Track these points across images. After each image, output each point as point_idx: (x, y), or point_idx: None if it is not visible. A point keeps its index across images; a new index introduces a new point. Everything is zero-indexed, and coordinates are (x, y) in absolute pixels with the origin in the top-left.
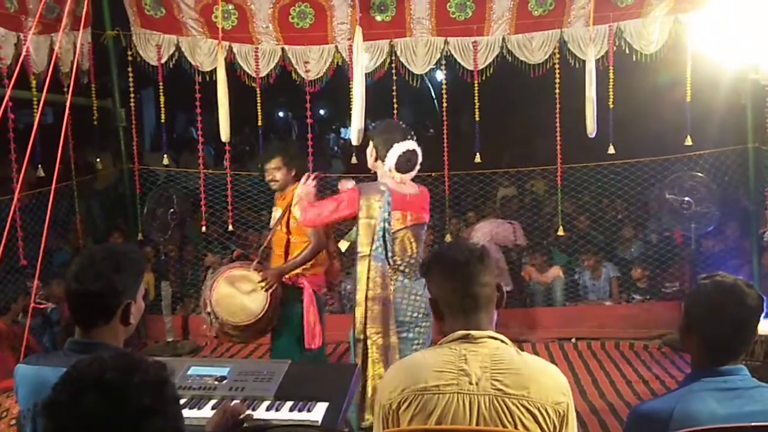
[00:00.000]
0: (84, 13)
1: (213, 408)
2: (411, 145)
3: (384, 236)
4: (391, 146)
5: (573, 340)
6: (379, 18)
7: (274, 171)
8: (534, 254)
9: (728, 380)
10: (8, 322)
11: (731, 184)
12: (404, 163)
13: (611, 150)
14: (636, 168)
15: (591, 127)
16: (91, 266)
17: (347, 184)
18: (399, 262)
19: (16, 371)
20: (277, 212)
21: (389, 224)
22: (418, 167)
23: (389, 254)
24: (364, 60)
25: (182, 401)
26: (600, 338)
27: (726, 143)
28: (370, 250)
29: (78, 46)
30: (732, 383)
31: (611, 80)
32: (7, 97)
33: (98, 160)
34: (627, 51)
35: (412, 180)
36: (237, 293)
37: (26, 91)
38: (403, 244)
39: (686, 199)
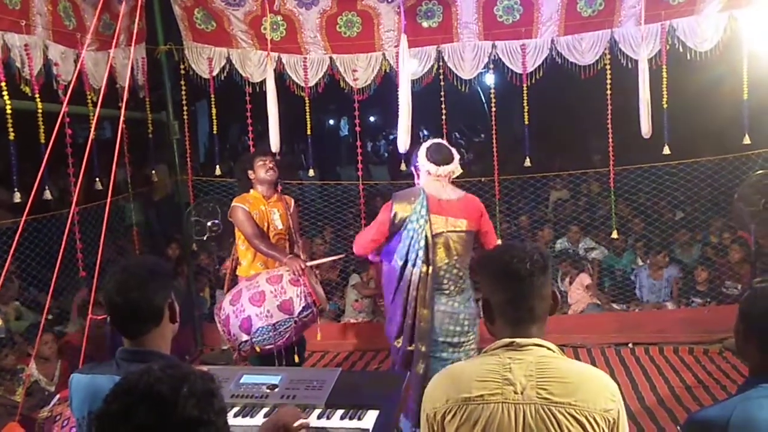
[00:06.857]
0: (136, 28)
1: (265, 416)
2: (437, 140)
3: (424, 243)
4: (420, 149)
5: (630, 345)
6: (425, 24)
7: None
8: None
9: None
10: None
11: None
12: (435, 153)
13: (666, 150)
14: (692, 168)
15: (646, 128)
16: (130, 277)
17: None
18: (443, 275)
19: (71, 380)
20: (274, 213)
21: (428, 227)
22: (456, 161)
23: (429, 261)
24: (411, 66)
25: (235, 409)
26: (658, 343)
27: None
28: (406, 261)
29: (133, 60)
30: None
31: (664, 80)
32: (62, 111)
33: (153, 172)
34: (681, 49)
35: (462, 189)
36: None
37: (84, 106)
38: (446, 249)
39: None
